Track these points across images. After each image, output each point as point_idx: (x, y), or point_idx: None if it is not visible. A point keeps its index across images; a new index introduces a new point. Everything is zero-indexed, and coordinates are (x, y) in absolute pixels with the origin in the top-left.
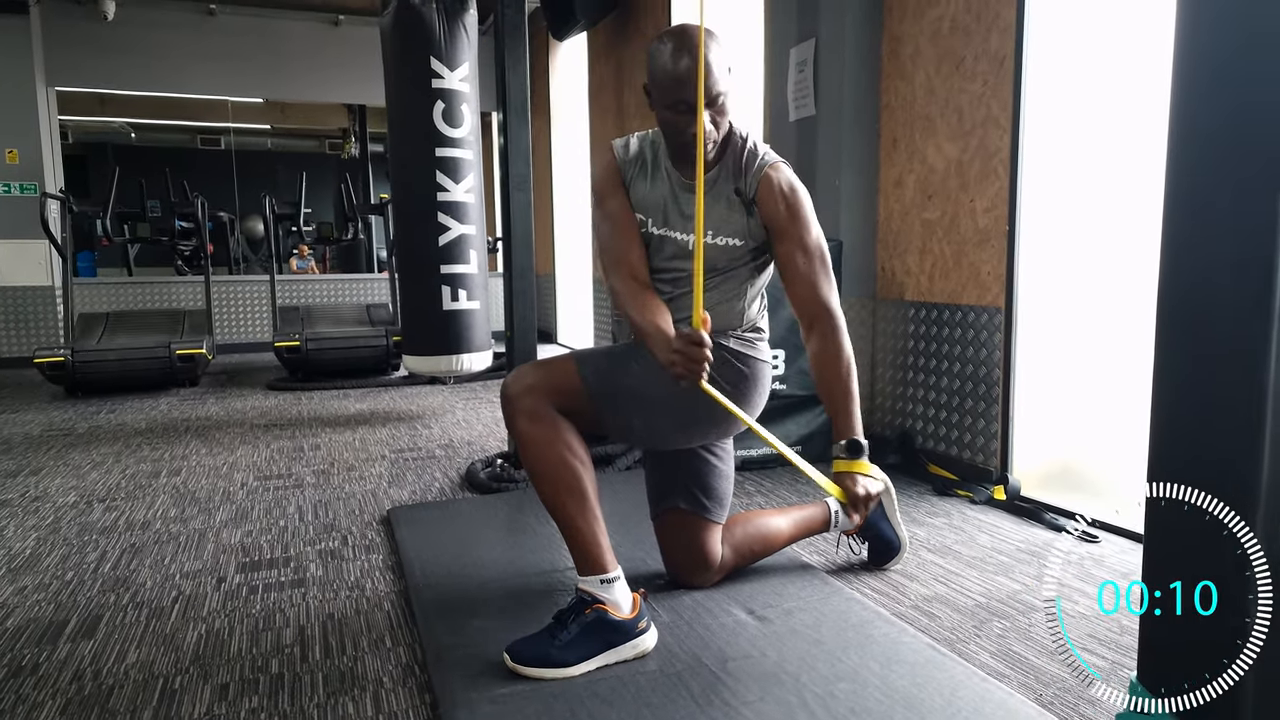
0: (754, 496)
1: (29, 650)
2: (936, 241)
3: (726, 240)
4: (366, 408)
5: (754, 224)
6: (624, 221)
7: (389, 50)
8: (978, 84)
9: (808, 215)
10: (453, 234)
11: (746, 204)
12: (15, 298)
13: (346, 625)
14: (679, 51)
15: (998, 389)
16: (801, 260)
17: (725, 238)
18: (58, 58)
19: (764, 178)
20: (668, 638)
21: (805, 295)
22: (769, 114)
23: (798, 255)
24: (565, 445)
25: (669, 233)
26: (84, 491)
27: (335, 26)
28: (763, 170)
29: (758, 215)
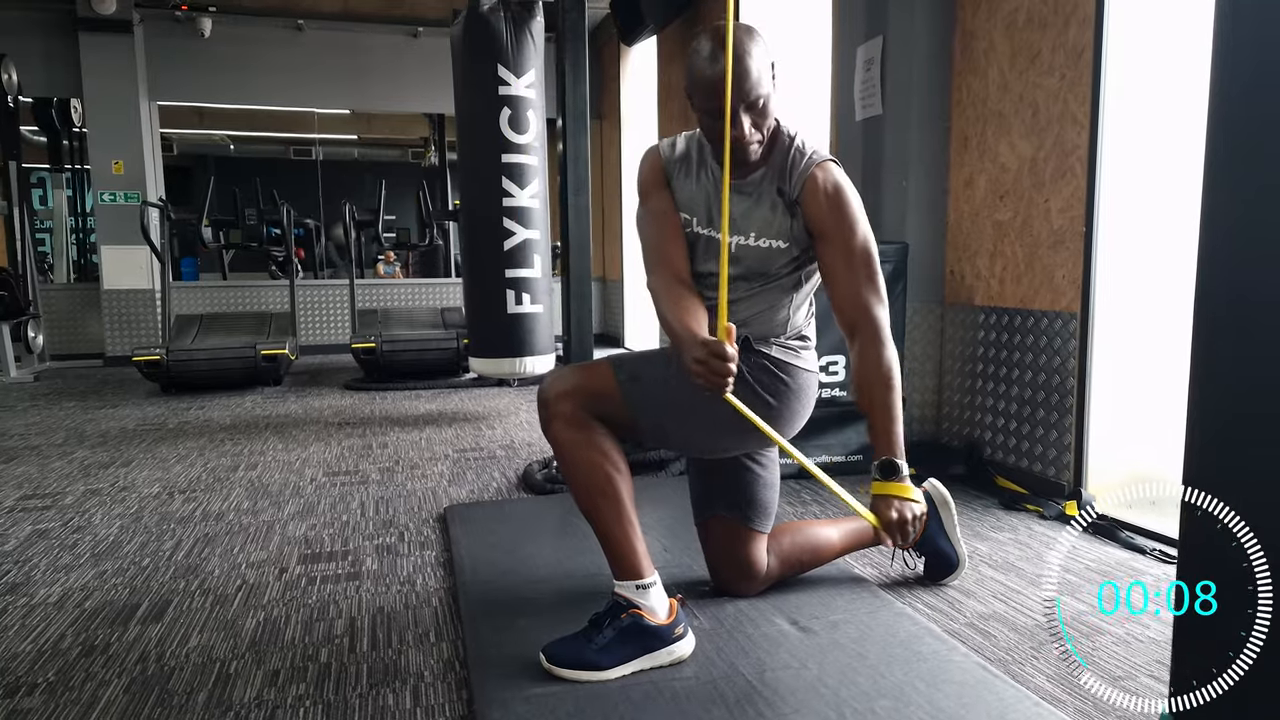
0: (809, 506)
1: (102, 631)
2: (1008, 244)
3: (769, 243)
4: (435, 408)
5: (797, 226)
6: (666, 219)
7: (459, 58)
8: (1054, 78)
9: (853, 216)
10: (517, 239)
11: (789, 205)
12: (120, 300)
13: (395, 619)
14: (714, 54)
15: (1071, 399)
16: (843, 263)
17: (768, 240)
18: (158, 74)
19: (809, 177)
20: (706, 645)
21: (846, 300)
22: (835, 114)
23: (840, 258)
24: (600, 450)
25: (713, 234)
26: (167, 483)
27: (414, 38)
28: (808, 170)
29: (801, 217)
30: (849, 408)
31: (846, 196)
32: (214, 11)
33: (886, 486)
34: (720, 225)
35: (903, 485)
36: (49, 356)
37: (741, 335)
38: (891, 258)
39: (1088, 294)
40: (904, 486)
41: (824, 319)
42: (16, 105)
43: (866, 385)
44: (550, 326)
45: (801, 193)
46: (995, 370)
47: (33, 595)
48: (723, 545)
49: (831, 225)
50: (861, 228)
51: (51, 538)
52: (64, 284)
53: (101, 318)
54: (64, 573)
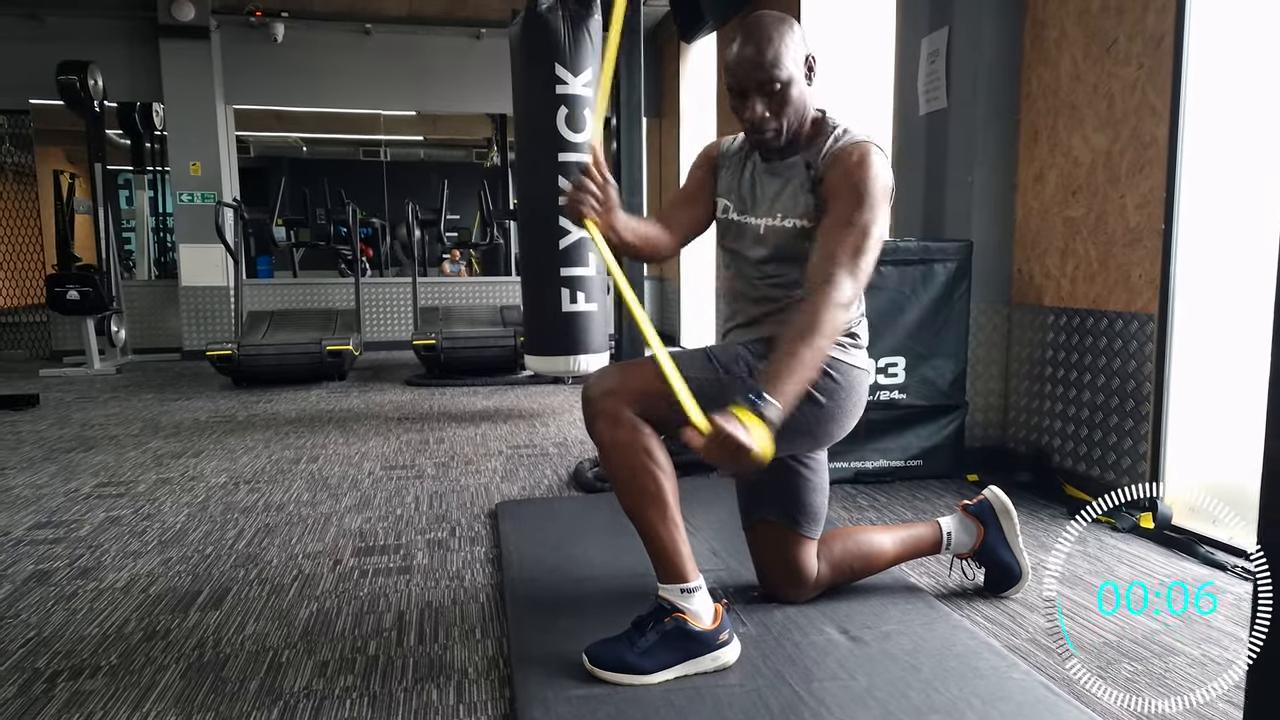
0: (865, 511)
1: (164, 617)
2: (1080, 242)
3: (793, 222)
4: (492, 405)
5: (817, 201)
6: (688, 191)
7: (517, 58)
8: (1131, 67)
9: (868, 192)
10: (572, 237)
11: (815, 181)
12: (197, 296)
13: (442, 614)
14: (739, 39)
15: (1147, 405)
16: (836, 230)
17: (791, 219)
18: (234, 78)
19: (839, 151)
20: (753, 652)
21: (818, 260)
22: (898, 109)
23: (836, 225)
24: (645, 451)
25: (744, 219)
26: (234, 474)
27: (477, 40)
28: (841, 147)
29: (821, 193)
30: (909, 410)
31: (868, 171)
32: (286, 17)
33: (740, 410)
34: (750, 206)
35: (753, 416)
36: (130, 350)
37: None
38: (955, 256)
39: (1166, 295)
40: (753, 417)
41: (881, 320)
42: (102, 110)
43: (790, 331)
44: (604, 325)
45: (828, 169)
46: (1065, 374)
47: (102, 580)
48: (771, 551)
49: (842, 193)
50: (874, 210)
51: (123, 524)
52: (145, 281)
53: (180, 313)
54: (132, 559)
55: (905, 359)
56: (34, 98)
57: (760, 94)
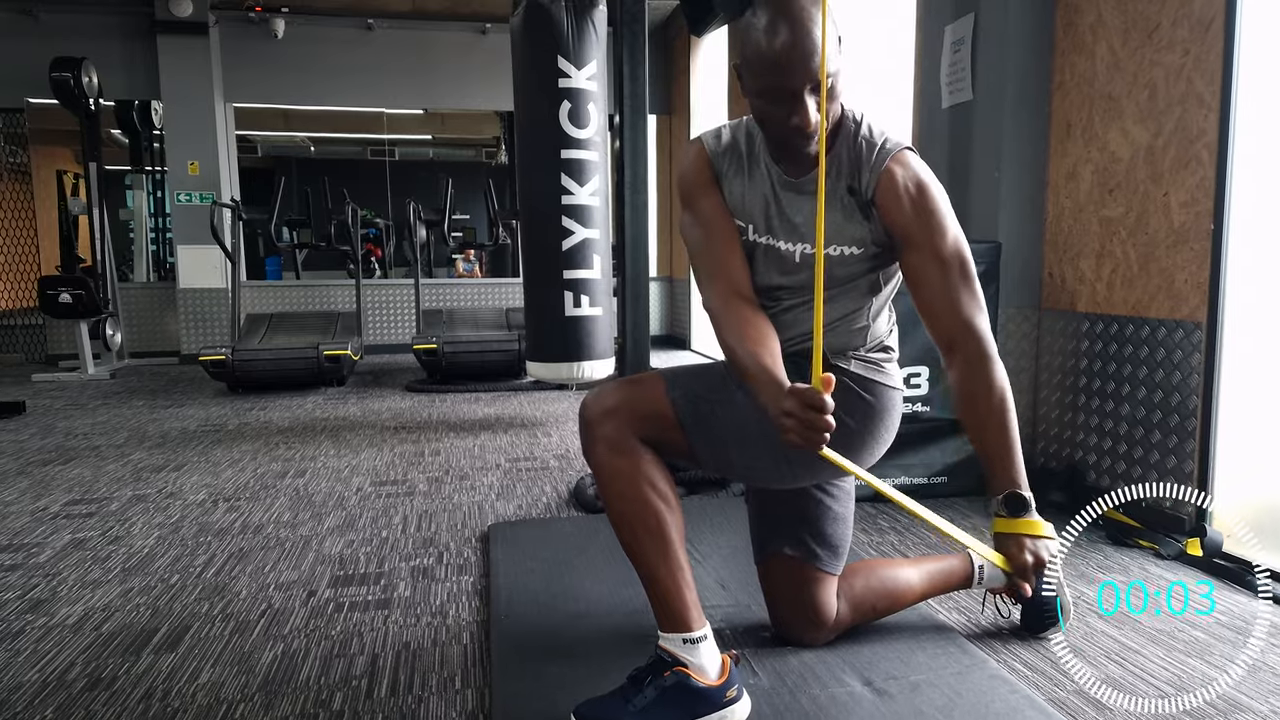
0: (885, 534)
1: (113, 660)
2: (1118, 243)
3: (842, 250)
4: (493, 412)
5: (875, 228)
6: (720, 224)
7: (518, 51)
8: (1176, 54)
9: (942, 216)
10: (576, 238)
11: (864, 206)
12: (195, 299)
13: (420, 658)
14: (775, 24)
15: (1194, 420)
16: (937, 272)
17: (840, 247)
18: (234, 75)
19: (884, 173)
20: (764, 708)
21: (942, 314)
22: (919, 101)
23: (932, 266)
24: (648, 481)
25: (771, 242)
26: (214, 490)
27: (483, 35)
28: (883, 164)
29: (879, 220)
30: (932, 424)
31: (932, 194)
32: (287, 12)
33: (1014, 524)
34: (782, 231)
35: (1033, 521)
36: (128, 354)
37: None
38: (982, 258)
39: (1215, 301)
40: (1034, 522)
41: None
42: (98, 108)
43: (980, 409)
44: (610, 330)
45: (876, 192)
46: (1101, 385)
47: (53, 615)
48: (786, 588)
49: (918, 230)
50: (952, 229)
51: (87, 548)
52: (143, 283)
53: (178, 316)
54: (90, 589)
55: (927, 369)
56: (29, 96)
57: (813, 94)
